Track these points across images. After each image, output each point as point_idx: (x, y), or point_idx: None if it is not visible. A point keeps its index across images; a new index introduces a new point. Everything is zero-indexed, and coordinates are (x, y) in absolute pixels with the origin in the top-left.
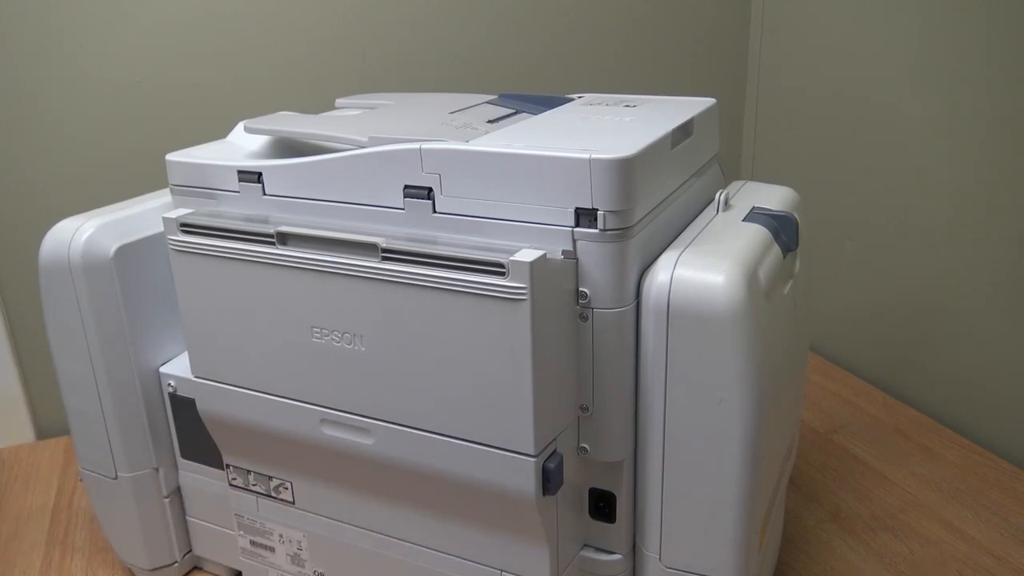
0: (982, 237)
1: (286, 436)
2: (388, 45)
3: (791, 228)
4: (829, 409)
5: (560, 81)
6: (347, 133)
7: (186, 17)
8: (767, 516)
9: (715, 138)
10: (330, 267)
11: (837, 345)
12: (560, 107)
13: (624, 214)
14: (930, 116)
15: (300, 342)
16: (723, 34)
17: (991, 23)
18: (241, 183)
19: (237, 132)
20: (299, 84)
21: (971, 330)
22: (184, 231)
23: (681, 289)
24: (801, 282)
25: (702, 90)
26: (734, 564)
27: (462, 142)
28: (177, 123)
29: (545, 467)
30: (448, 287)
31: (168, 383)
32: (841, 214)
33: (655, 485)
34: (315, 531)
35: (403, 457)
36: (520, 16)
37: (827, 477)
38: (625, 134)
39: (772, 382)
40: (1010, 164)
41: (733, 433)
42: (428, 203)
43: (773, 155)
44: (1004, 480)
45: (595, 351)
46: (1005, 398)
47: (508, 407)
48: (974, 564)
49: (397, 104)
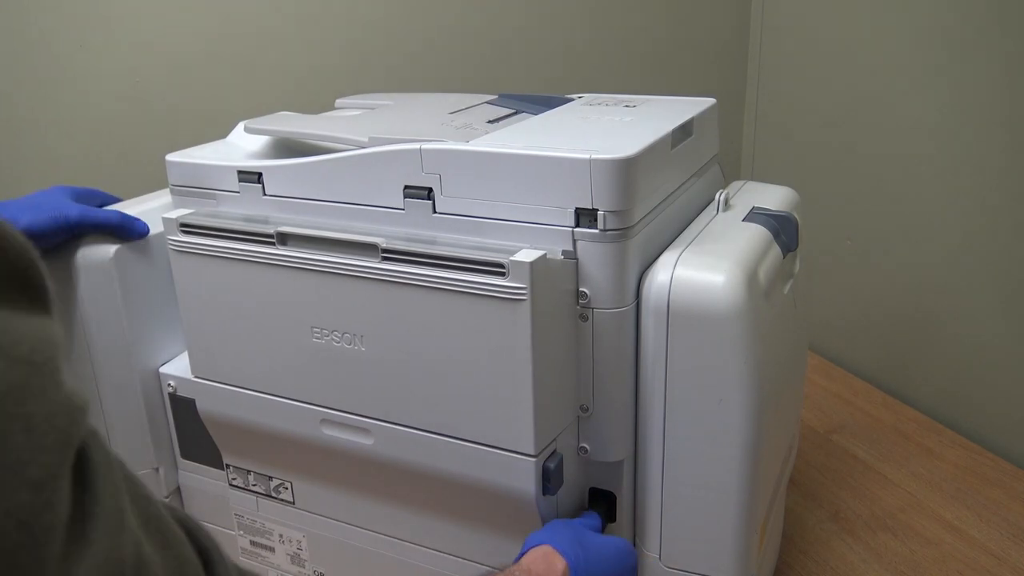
0: (982, 237)
1: (286, 436)
2: (389, 45)
3: (791, 228)
4: (829, 409)
5: (560, 81)
6: (347, 133)
7: (186, 17)
8: (767, 516)
9: (715, 138)
10: (330, 267)
11: (837, 345)
12: (560, 107)
13: (624, 214)
14: (930, 116)
15: (300, 342)
16: (723, 34)
17: (991, 23)
18: (241, 183)
19: (237, 132)
20: (299, 84)
21: (971, 330)
22: (184, 231)
23: (681, 289)
24: (801, 282)
25: (702, 90)
26: (734, 564)
27: (462, 142)
28: (177, 123)
29: (545, 467)
30: (448, 287)
31: (168, 383)
32: (841, 214)
33: (655, 485)
34: (315, 531)
35: (403, 457)
36: (520, 16)
37: (827, 477)
38: (625, 134)
39: (772, 382)
40: (1010, 164)
41: (733, 433)
42: (428, 203)
43: (773, 155)
44: (1004, 480)
45: (595, 351)
46: (1005, 398)
47: (508, 407)
48: (974, 564)
49: (397, 104)
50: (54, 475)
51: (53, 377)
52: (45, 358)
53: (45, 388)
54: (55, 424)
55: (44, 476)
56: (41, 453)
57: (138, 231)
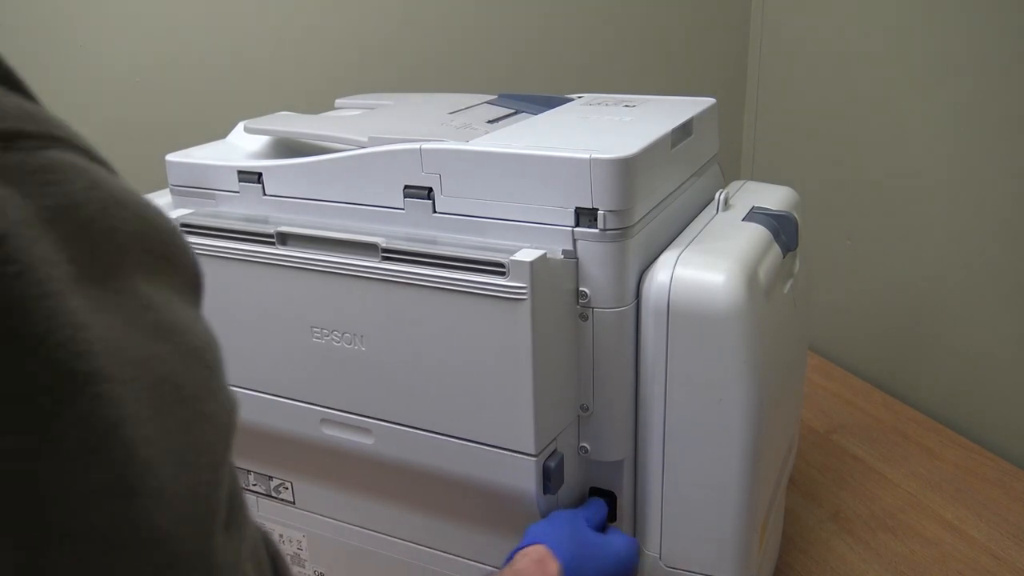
0: (982, 237)
1: (286, 436)
2: (389, 45)
3: (791, 228)
4: (829, 409)
5: (560, 81)
6: (347, 133)
7: (186, 17)
8: (767, 516)
9: (715, 138)
10: (330, 267)
11: (837, 345)
12: (560, 107)
13: (624, 214)
14: (930, 116)
15: (300, 342)
16: (723, 34)
17: (991, 23)
18: (241, 183)
19: (237, 132)
20: (299, 84)
21: (971, 330)
22: (184, 231)
23: (681, 288)
24: (801, 282)
25: (702, 90)
26: (734, 563)
27: (462, 142)
28: (177, 123)
29: (546, 466)
30: (448, 287)
31: None
32: (841, 214)
33: (655, 484)
34: (315, 531)
35: (404, 457)
36: (520, 16)
37: (827, 477)
38: (625, 134)
39: (772, 382)
40: (1010, 164)
41: (733, 433)
42: (428, 203)
43: (773, 155)
44: (1004, 480)
45: (595, 351)
46: (1005, 398)
47: (509, 407)
48: (974, 564)
49: (397, 104)
50: (223, 461)
51: (223, 378)
52: (217, 360)
53: (219, 389)
54: (223, 421)
55: (218, 460)
56: (217, 442)
57: None
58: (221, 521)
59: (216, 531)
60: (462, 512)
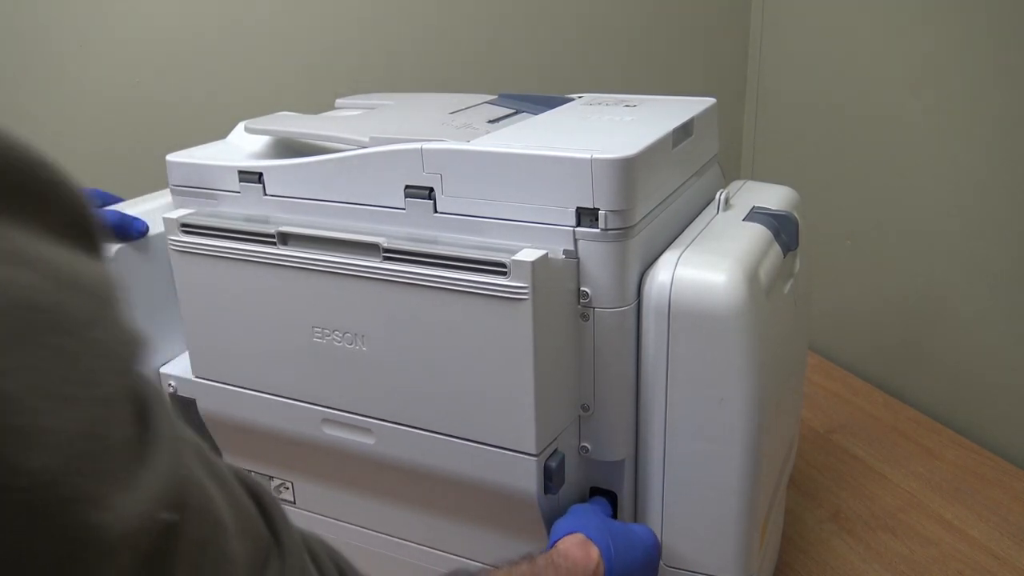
0: (982, 237)
1: (287, 436)
2: (388, 45)
3: (791, 228)
4: (829, 409)
5: (560, 81)
6: (347, 133)
7: (186, 17)
8: (767, 516)
9: (715, 138)
10: (331, 267)
11: (837, 345)
12: (560, 107)
13: (625, 214)
14: (930, 116)
15: (301, 342)
16: (723, 34)
17: (991, 23)
18: (242, 183)
19: (237, 132)
20: (299, 84)
21: (971, 330)
22: (185, 231)
23: (682, 288)
24: (801, 282)
25: (702, 90)
26: (734, 563)
27: (463, 142)
28: (177, 123)
29: (547, 466)
30: (449, 287)
31: (168, 383)
32: (841, 214)
33: (656, 484)
34: (316, 531)
35: (405, 457)
36: (520, 16)
37: (827, 477)
38: (626, 134)
39: (772, 381)
40: (1010, 164)
41: (734, 432)
42: (429, 203)
43: (773, 155)
44: (1004, 480)
45: (596, 350)
46: (1005, 398)
47: (510, 406)
48: (974, 564)
49: (397, 104)
50: (118, 397)
51: (115, 310)
52: (108, 293)
53: (109, 319)
54: (119, 352)
55: (111, 394)
56: (108, 375)
57: (136, 231)
58: (133, 459)
59: (118, 471)
60: (463, 512)
